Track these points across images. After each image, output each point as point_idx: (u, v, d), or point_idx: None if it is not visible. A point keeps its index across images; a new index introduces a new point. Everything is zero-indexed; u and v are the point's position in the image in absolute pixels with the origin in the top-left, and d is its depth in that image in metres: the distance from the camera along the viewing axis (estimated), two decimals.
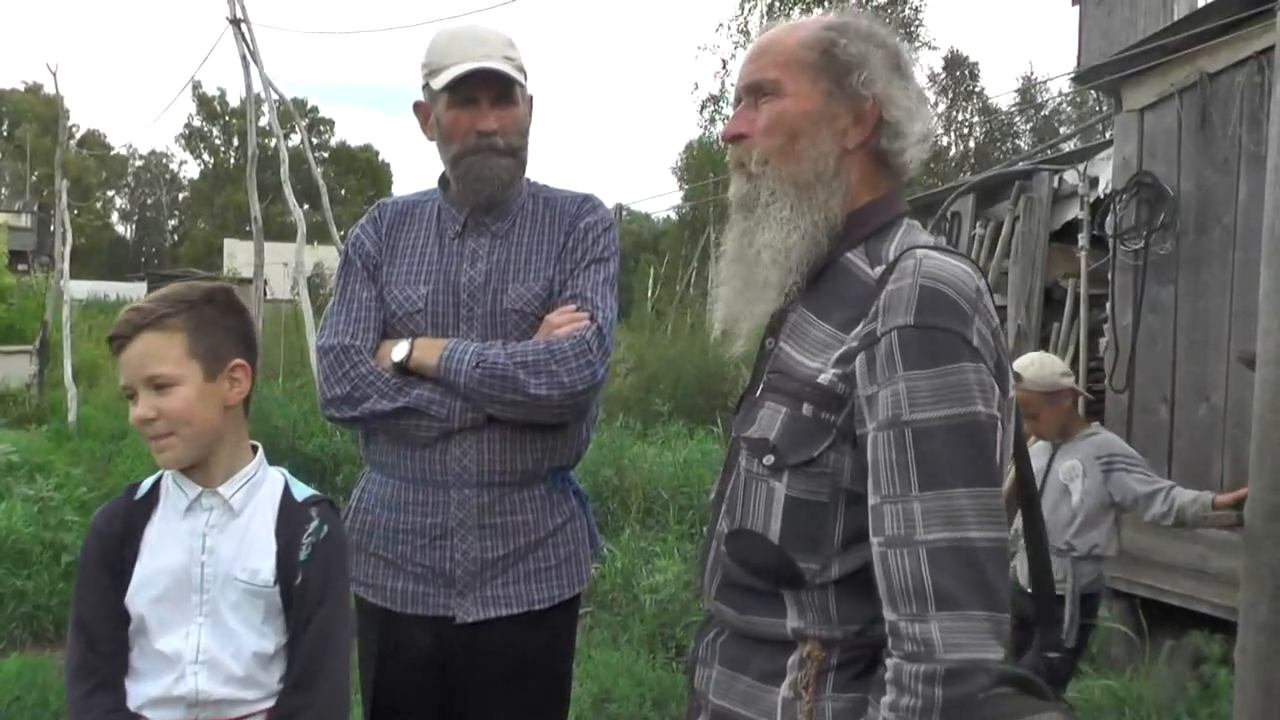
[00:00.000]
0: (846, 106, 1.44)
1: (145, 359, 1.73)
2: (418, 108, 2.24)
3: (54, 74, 15.70)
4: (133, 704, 1.76)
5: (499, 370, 2.05)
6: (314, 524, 1.82)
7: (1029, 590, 1.52)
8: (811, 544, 1.38)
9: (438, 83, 2.13)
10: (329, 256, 13.43)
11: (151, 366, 1.72)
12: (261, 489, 1.84)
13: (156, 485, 1.85)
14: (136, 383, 1.74)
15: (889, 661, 1.28)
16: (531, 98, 2.22)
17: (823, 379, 1.36)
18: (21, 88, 63.86)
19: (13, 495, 5.97)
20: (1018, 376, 3.66)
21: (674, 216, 32.89)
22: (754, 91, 1.48)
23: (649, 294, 14.48)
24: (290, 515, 1.82)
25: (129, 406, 1.76)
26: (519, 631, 2.14)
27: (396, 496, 2.16)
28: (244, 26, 9.87)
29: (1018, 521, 1.67)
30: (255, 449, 1.88)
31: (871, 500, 1.31)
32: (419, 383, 2.09)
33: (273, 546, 1.79)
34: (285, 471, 1.90)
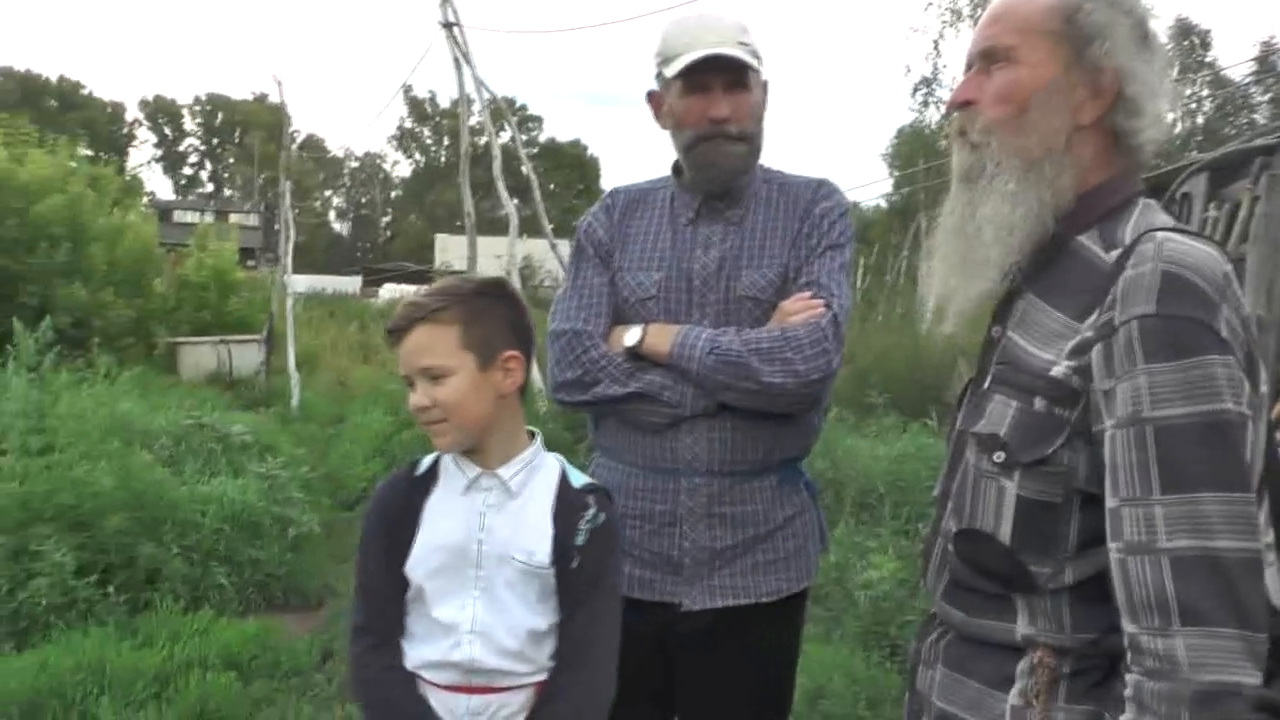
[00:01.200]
0: (1084, 78, 1.36)
1: (420, 351, 1.79)
2: (651, 97, 2.24)
3: (279, 84, 16.95)
4: (410, 664, 1.84)
5: (733, 357, 2.02)
6: (591, 511, 1.86)
7: None
8: (1044, 547, 1.31)
9: (670, 70, 2.12)
10: (538, 249, 13.82)
11: (425, 358, 1.79)
12: (539, 473, 1.89)
13: (436, 463, 1.92)
14: (413, 373, 1.80)
15: (1129, 677, 1.19)
16: (766, 83, 2.19)
17: (1056, 371, 1.29)
18: (250, 98, 68.90)
19: (247, 472, 6.39)
20: None
21: (884, 204, 32.21)
22: (987, 57, 1.41)
23: (858, 283, 14.20)
24: (568, 501, 1.86)
25: (407, 394, 1.83)
26: (744, 623, 2.12)
27: (626, 482, 2.16)
28: (456, 30, 10.27)
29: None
30: (533, 435, 1.93)
31: (1109, 503, 1.23)
32: (651, 368, 2.09)
33: (549, 530, 1.83)
34: (562, 459, 1.94)
